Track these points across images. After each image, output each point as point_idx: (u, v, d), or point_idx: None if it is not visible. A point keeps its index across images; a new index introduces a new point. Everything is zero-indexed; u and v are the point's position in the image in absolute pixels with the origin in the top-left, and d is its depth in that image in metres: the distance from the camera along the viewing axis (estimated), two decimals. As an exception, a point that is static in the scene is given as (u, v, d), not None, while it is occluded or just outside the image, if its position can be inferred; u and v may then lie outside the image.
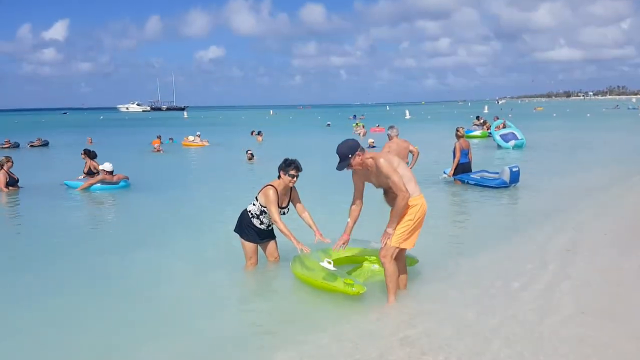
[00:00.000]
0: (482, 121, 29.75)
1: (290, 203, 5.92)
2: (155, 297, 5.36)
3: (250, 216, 5.94)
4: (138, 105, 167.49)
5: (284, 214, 5.87)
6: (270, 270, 6.00)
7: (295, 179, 5.70)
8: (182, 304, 5.15)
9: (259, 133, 28.73)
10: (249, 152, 17.78)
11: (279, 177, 5.75)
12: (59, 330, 4.65)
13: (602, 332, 4.23)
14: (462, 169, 11.53)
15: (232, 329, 4.62)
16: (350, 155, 4.71)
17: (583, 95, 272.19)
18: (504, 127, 21.48)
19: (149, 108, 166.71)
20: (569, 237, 7.15)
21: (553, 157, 17.29)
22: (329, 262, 5.18)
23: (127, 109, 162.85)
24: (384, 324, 4.56)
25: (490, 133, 24.88)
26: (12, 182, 12.03)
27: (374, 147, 20.58)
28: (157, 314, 4.92)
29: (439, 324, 4.47)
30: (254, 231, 5.97)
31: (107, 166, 11.98)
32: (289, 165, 5.67)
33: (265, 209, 5.78)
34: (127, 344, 4.34)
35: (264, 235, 6.07)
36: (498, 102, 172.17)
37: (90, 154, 12.67)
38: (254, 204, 5.92)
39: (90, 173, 12.46)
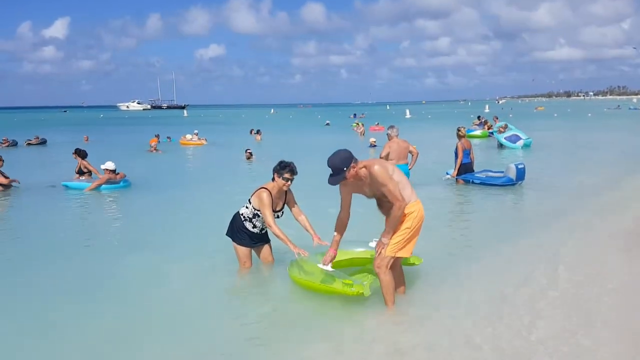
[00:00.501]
0: (482, 120, 29.53)
1: (286, 206, 5.70)
2: (147, 302, 5.15)
3: (243, 219, 5.74)
4: (138, 103, 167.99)
5: (278, 217, 5.67)
6: (265, 275, 5.79)
7: (289, 182, 5.50)
8: (173, 311, 4.92)
9: (257, 132, 28.54)
10: (248, 151, 17.57)
11: (273, 179, 5.55)
12: (52, 334, 4.49)
13: (612, 347, 4.00)
14: (465, 169, 11.33)
15: (225, 336, 4.41)
16: (344, 169, 4.41)
17: (583, 96, 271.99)
18: (506, 128, 21.21)
19: (149, 106, 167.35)
20: (576, 239, 6.94)
21: (556, 157, 17.07)
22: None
23: (127, 107, 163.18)
24: (383, 334, 4.35)
25: (490, 133, 24.88)
26: (3, 182, 11.86)
27: (375, 145, 20.45)
28: (148, 320, 4.72)
29: (440, 333, 4.26)
30: (246, 235, 5.77)
31: (110, 165, 11.64)
32: (284, 168, 5.46)
33: (258, 212, 5.58)
34: (120, 350, 4.16)
35: (258, 239, 5.86)
36: (498, 102, 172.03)
37: (81, 154, 12.44)
38: (246, 207, 5.72)
39: (81, 172, 12.27)
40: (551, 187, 11.06)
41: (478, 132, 26.00)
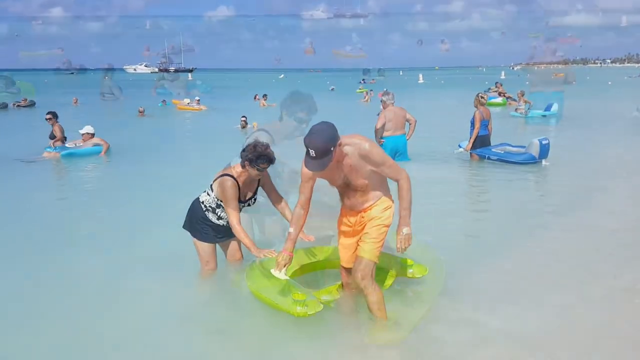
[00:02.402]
0: (500, 88, 27.91)
1: (262, 190, 4.52)
2: (93, 319, 4.00)
3: (204, 209, 4.54)
4: (146, 66, 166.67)
5: (249, 204, 4.50)
6: (232, 278, 4.56)
7: (265, 171, 4.30)
8: (121, 327, 3.83)
9: (263, 96, 26.98)
10: (243, 119, 16.24)
11: (243, 165, 4.29)
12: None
13: None
14: (481, 142, 9.97)
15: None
16: (332, 148, 3.27)
17: (600, 63, 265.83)
18: (523, 95, 19.66)
19: (157, 69, 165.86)
20: (616, 229, 5.69)
21: (582, 130, 15.47)
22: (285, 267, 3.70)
23: (134, 70, 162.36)
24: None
25: (507, 98, 23.83)
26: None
27: None
28: (91, 341, 3.66)
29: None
30: (209, 227, 4.57)
31: (89, 129, 11.38)
32: (260, 157, 4.17)
33: (222, 203, 4.39)
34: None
35: (223, 233, 4.63)
36: (513, 68, 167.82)
37: (56, 116, 11.81)
38: (208, 194, 4.52)
39: (52, 137, 11.58)
40: (582, 164, 9.76)
41: (499, 100, 24.33)
